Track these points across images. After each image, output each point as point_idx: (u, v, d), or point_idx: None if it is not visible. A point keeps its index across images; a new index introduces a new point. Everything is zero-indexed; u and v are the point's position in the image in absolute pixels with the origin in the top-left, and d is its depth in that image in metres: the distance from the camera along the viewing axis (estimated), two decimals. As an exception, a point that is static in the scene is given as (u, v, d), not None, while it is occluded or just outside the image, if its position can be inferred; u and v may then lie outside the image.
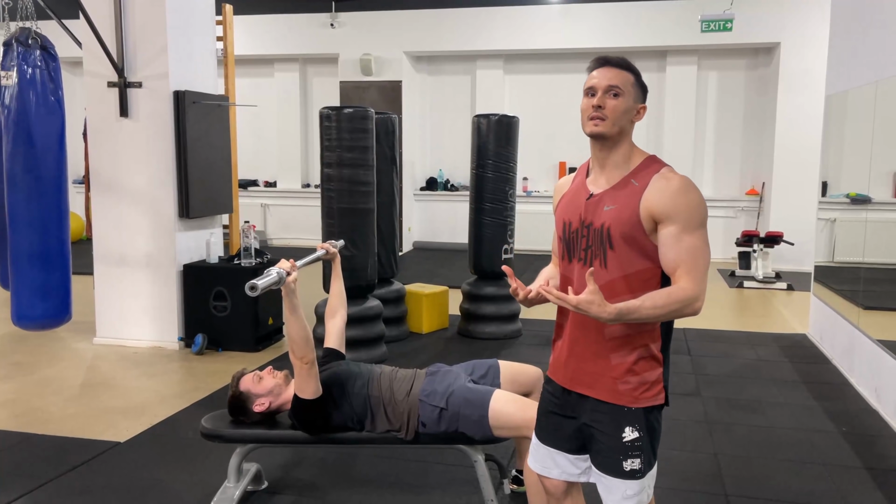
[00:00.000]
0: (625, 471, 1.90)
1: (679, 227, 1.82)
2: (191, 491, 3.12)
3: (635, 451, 1.89)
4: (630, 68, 1.93)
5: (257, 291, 2.35)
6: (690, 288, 1.79)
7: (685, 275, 1.80)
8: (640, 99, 1.93)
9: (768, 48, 9.55)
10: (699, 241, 1.82)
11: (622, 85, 1.89)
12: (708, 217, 1.87)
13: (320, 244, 3.17)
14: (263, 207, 11.28)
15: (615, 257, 1.87)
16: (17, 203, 4.27)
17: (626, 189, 1.89)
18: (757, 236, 8.33)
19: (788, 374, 4.87)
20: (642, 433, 1.89)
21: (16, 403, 4.23)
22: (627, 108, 1.89)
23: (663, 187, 1.85)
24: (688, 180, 1.87)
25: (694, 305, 1.80)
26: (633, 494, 1.91)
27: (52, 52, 4.35)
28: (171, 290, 5.34)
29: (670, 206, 1.83)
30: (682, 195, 1.83)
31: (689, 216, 1.82)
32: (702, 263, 1.82)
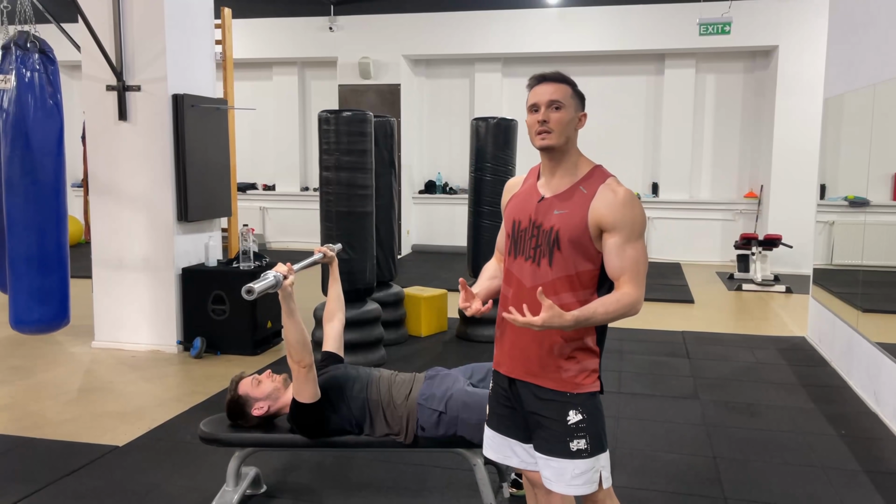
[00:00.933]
0: (571, 451, 2.04)
1: (623, 237, 1.99)
2: (189, 495, 3.11)
3: (580, 433, 2.04)
4: (567, 81, 2.07)
5: (254, 295, 2.35)
6: (634, 293, 1.97)
7: (629, 282, 1.98)
8: (579, 108, 2.07)
9: (766, 51, 9.57)
10: (640, 251, 2.01)
11: (562, 98, 2.03)
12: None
13: (318, 247, 3.16)
14: (262, 211, 11.28)
15: (561, 258, 2.03)
16: (16, 207, 4.27)
17: (576, 196, 2.04)
18: (755, 239, 8.34)
19: (787, 377, 4.87)
20: (585, 416, 2.04)
21: (13, 408, 4.22)
22: (570, 118, 2.04)
23: (611, 199, 2.00)
24: (632, 194, 2.03)
25: (636, 307, 1.99)
26: (581, 473, 2.04)
27: (50, 55, 4.35)
28: (170, 294, 5.33)
29: (617, 218, 1.99)
30: (629, 209, 2.00)
31: (632, 228, 1.99)
32: (642, 270, 2.01)
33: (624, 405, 4.27)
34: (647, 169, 10.32)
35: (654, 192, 10.20)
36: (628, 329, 6.14)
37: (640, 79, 10.19)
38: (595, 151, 10.38)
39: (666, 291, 7.81)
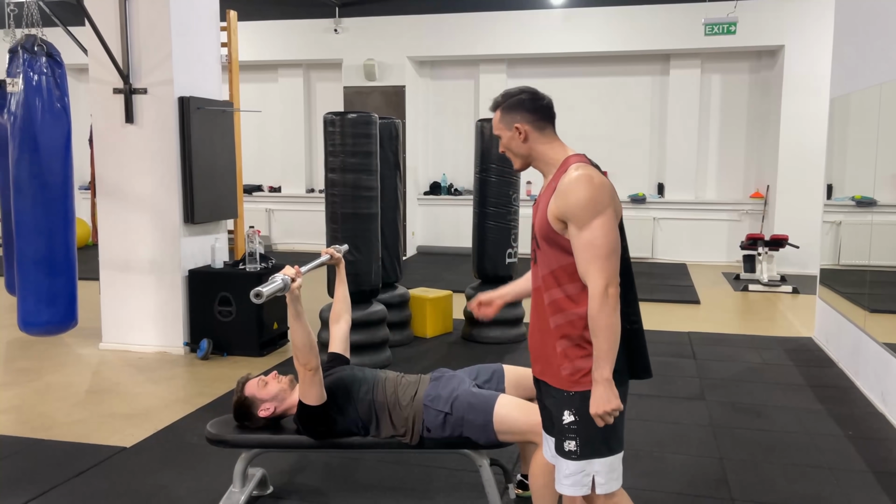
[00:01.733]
0: (564, 450, 2.06)
1: (575, 224, 1.97)
2: (196, 496, 3.12)
3: (571, 434, 2.04)
4: (497, 105, 2.15)
5: (262, 298, 2.35)
6: (594, 287, 1.94)
7: (587, 276, 1.96)
8: (510, 124, 2.11)
9: (772, 51, 9.55)
10: (594, 232, 1.94)
11: (496, 128, 2.16)
12: (606, 203, 1.94)
13: (324, 249, 3.17)
14: (268, 212, 11.30)
15: (543, 255, 2.08)
16: (24, 209, 4.30)
17: (548, 191, 2.07)
18: (762, 239, 8.31)
19: (794, 377, 4.86)
20: (577, 417, 2.03)
21: (21, 409, 4.24)
22: (508, 141, 2.13)
23: (559, 188, 2.00)
24: (581, 177, 1.96)
25: (608, 294, 1.93)
26: (570, 474, 2.05)
27: (57, 58, 4.38)
28: (177, 296, 5.35)
29: (563, 208, 1.98)
30: (572, 193, 1.96)
31: (579, 213, 1.95)
32: (600, 253, 1.94)
33: (630, 406, 4.22)
34: (652, 169, 10.30)
35: (659, 193, 10.18)
36: (634, 330, 6.12)
37: (646, 79, 10.17)
38: (600, 152, 10.40)
39: (672, 292, 7.80)
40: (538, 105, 2.12)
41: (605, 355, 1.95)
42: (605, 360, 1.95)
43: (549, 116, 2.15)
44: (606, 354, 1.95)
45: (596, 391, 1.96)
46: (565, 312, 2.04)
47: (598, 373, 1.95)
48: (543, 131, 2.12)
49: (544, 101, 2.14)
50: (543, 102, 2.14)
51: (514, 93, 2.14)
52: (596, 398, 1.96)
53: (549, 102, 2.16)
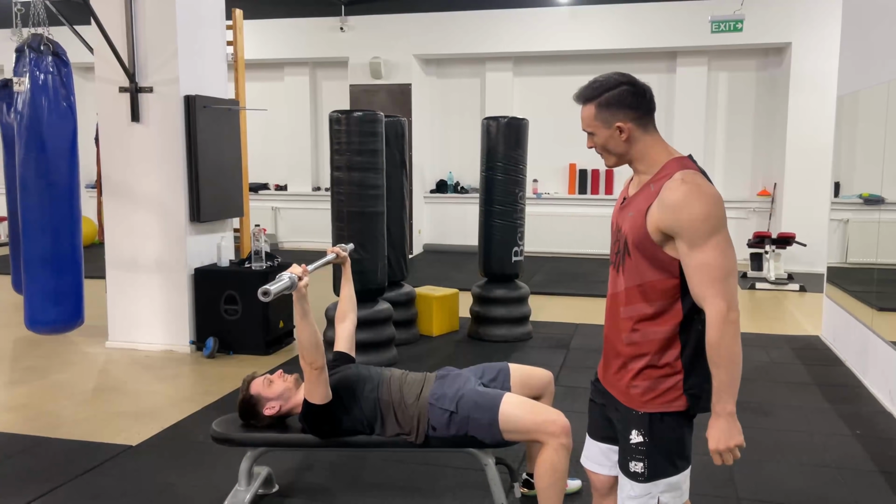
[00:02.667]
0: (630, 471, 1.94)
1: (686, 243, 1.77)
2: (202, 494, 3.13)
3: (639, 455, 1.91)
4: (590, 98, 1.89)
5: (270, 297, 2.35)
6: (712, 312, 1.76)
7: (704, 300, 1.78)
8: (610, 122, 1.87)
9: (779, 48, 9.50)
10: (710, 254, 1.76)
11: (588, 124, 1.91)
12: (723, 220, 1.78)
13: (330, 248, 3.17)
14: (274, 211, 11.32)
15: (631, 265, 1.88)
16: (30, 208, 4.31)
17: (645, 195, 1.86)
18: (769, 237, 8.28)
19: (801, 376, 4.83)
20: (646, 438, 1.90)
21: (28, 407, 4.25)
22: (605, 139, 1.89)
23: (666, 200, 1.79)
24: (693, 190, 1.78)
25: (729, 319, 1.76)
26: (636, 496, 1.94)
27: (63, 57, 4.39)
28: (183, 294, 5.36)
29: (672, 223, 1.78)
30: (685, 209, 1.76)
31: (694, 231, 1.76)
32: (718, 275, 1.76)
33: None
34: (659, 167, 10.25)
35: (666, 191, 10.14)
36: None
37: (652, 77, 10.13)
38: (606, 150, 10.15)
39: (678, 290, 7.76)
40: (641, 100, 1.87)
41: (727, 387, 1.78)
42: (727, 392, 1.79)
43: (652, 110, 1.90)
44: (729, 386, 1.78)
45: (717, 426, 1.81)
46: (645, 331, 1.88)
47: (720, 406, 1.79)
48: (647, 128, 1.89)
49: (647, 94, 1.89)
50: (646, 96, 1.89)
51: (612, 84, 1.87)
52: (718, 433, 1.81)
53: (650, 94, 1.90)
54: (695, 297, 1.80)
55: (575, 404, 4.21)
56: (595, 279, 8.40)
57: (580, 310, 6.84)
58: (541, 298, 7.03)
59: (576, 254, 10.18)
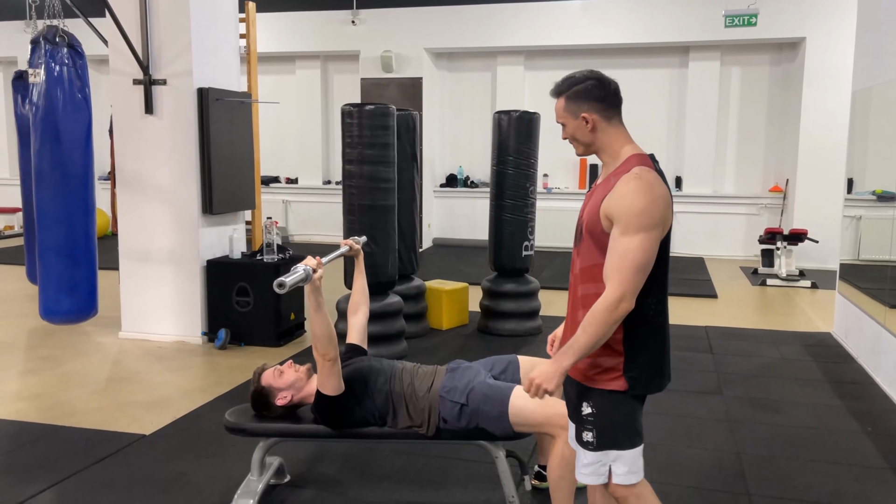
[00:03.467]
0: (582, 440, 2.10)
1: (619, 229, 1.91)
2: (214, 484, 3.16)
3: (588, 425, 2.07)
4: (560, 91, 2.06)
5: (285, 289, 2.36)
6: (610, 293, 1.91)
7: (609, 279, 1.93)
8: (577, 113, 2.03)
9: (793, 43, 9.43)
10: (634, 244, 1.89)
11: (559, 115, 2.07)
12: (657, 220, 1.90)
13: (343, 240, 3.18)
14: (285, 204, 11.35)
15: (584, 249, 2.06)
16: (45, 199, 4.34)
17: (606, 186, 2.01)
18: (780, 234, 8.24)
19: (812, 372, 4.82)
20: (594, 410, 2.06)
21: (43, 397, 4.30)
22: (574, 129, 2.06)
23: (618, 188, 1.93)
24: (641, 184, 1.91)
25: (619, 308, 1.90)
26: (588, 464, 2.09)
27: (79, 49, 4.41)
28: (195, 286, 5.39)
29: (615, 208, 1.92)
30: (628, 198, 1.90)
31: (628, 219, 1.89)
32: (628, 265, 1.89)
33: (646, 400, 4.25)
34: (670, 163, 10.22)
35: (677, 186, 10.11)
36: (651, 324, 6.10)
37: (664, 72, 10.10)
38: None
39: (689, 286, 7.76)
40: (606, 92, 2.02)
41: (579, 348, 1.94)
42: (575, 352, 1.95)
43: (617, 104, 2.05)
44: (580, 349, 1.94)
45: (548, 368, 1.97)
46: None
47: (562, 357, 1.96)
48: (611, 121, 2.04)
49: (612, 88, 2.04)
50: (611, 89, 2.04)
51: (580, 79, 2.03)
52: (543, 372, 1.98)
53: (616, 89, 2.05)
54: (604, 274, 1.95)
55: (585, 398, 4.22)
56: (605, 274, 8.39)
57: (590, 305, 6.83)
58: (551, 293, 7.02)
59: (586, 249, 10.15)
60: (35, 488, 3.10)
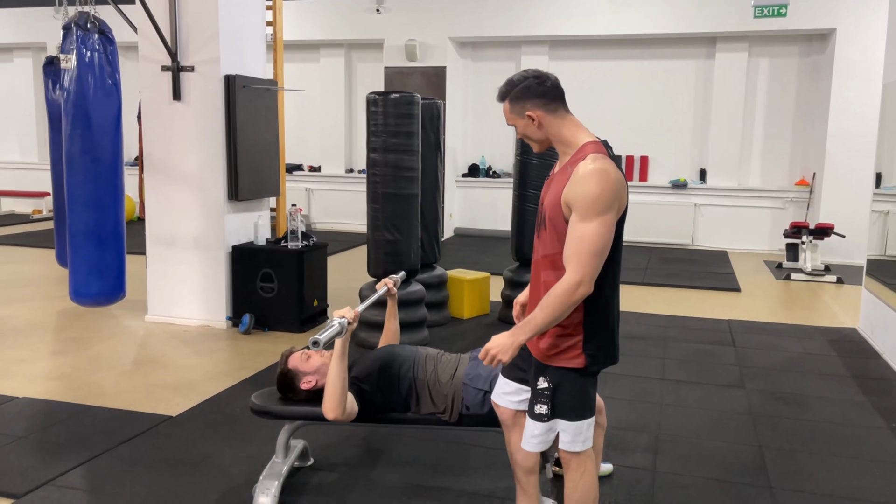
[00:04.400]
0: (534, 413, 2.22)
1: (577, 215, 2.02)
2: (240, 465, 3.21)
3: (544, 399, 2.19)
4: (503, 96, 2.17)
5: (320, 346, 2.41)
6: (569, 277, 2.02)
7: (568, 263, 2.03)
8: (522, 113, 2.14)
9: (823, 35, 9.29)
10: (591, 229, 2.00)
11: (508, 118, 2.19)
12: (612, 204, 2.00)
13: (382, 280, 3.12)
14: (307, 192, 11.42)
15: (546, 236, 2.15)
16: (76, 183, 4.41)
17: (563, 175, 2.10)
18: (806, 228, 8.15)
19: (836, 368, 4.78)
20: (551, 385, 2.18)
21: (72, 377, 4.38)
22: (524, 128, 2.17)
23: (574, 175, 2.03)
24: (596, 170, 2.00)
25: (577, 291, 2.02)
26: (539, 434, 2.22)
27: (109, 36, 4.46)
28: (220, 271, 5.46)
29: (572, 195, 2.02)
30: (584, 185, 2.00)
31: (585, 206, 1.99)
32: (586, 249, 2.00)
33: (667, 392, 4.25)
34: (694, 155, 10.14)
35: (701, 179, 10.03)
36: (672, 316, 6.08)
37: (690, 63, 9.99)
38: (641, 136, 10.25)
39: (712, 279, 7.71)
40: (546, 88, 2.12)
41: (535, 325, 2.07)
42: (532, 329, 2.07)
43: (558, 97, 2.14)
44: (537, 326, 2.07)
45: (503, 339, 2.11)
46: None
47: (519, 331, 2.09)
48: (556, 113, 2.14)
49: (550, 82, 2.14)
50: (549, 84, 2.13)
51: (518, 80, 2.14)
52: (499, 343, 2.12)
53: (555, 82, 2.15)
54: (563, 258, 2.06)
55: (605, 389, 4.23)
56: (627, 266, 8.36)
57: (612, 296, 6.82)
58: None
59: (608, 240, 10.11)
60: (66, 465, 3.18)
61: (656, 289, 7.33)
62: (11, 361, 4.64)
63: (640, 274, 7.94)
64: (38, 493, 2.95)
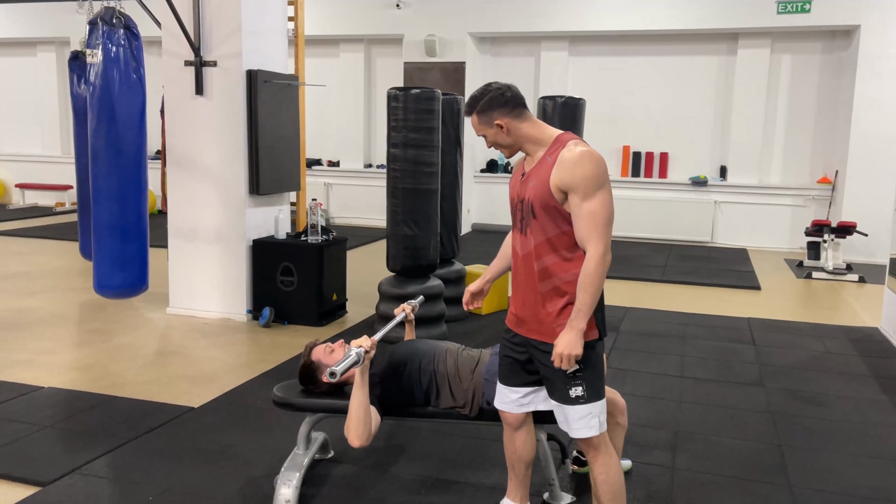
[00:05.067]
0: (571, 397, 2.28)
1: (579, 195, 2.17)
2: (261, 456, 3.25)
3: (577, 381, 2.26)
4: (470, 110, 2.33)
5: (337, 378, 2.44)
6: (594, 251, 2.17)
7: (587, 241, 2.18)
8: (490, 123, 2.30)
9: (847, 31, 9.18)
10: (597, 204, 2.16)
11: (476, 129, 2.35)
12: (606, 178, 2.18)
13: (400, 306, 3.12)
14: (326, 186, 11.47)
15: (538, 225, 2.26)
16: (100, 176, 4.47)
17: (543, 166, 2.25)
18: (828, 226, 8.08)
19: (857, 367, 4.74)
20: (581, 364, 2.24)
21: (95, 368, 4.45)
22: (494, 137, 2.33)
23: (564, 161, 2.18)
24: (584, 153, 2.17)
25: (605, 260, 2.17)
26: (582, 416, 2.29)
27: (134, 31, 4.51)
28: (241, 265, 5.50)
29: (568, 178, 2.17)
30: (579, 168, 2.16)
31: (585, 184, 2.16)
32: (600, 221, 2.17)
33: (686, 389, 4.24)
34: (714, 152, 10.07)
35: (721, 176, 9.96)
36: (692, 314, 6.06)
37: (712, 59, 9.92)
38: (662, 133, 10.17)
39: (731, 277, 7.66)
40: (508, 97, 2.30)
41: (586, 309, 2.18)
42: (585, 313, 2.18)
43: (521, 103, 2.31)
44: (588, 309, 2.18)
45: (569, 336, 2.18)
46: (560, 276, 2.25)
47: (576, 322, 2.18)
48: (522, 117, 2.30)
49: (511, 91, 2.32)
50: (511, 93, 2.31)
51: (481, 94, 2.32)
52: (567, 342, 2.18)
53: (515, 90, 2.33)
54: (579, 240, 2.21)
55: (624, 386, 4.23)
56: (646, 263, 8.33)
57: (630, 293, 6.81)
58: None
59: (627, 237, 10.09)
60: (90, 454, 3.23)
61: (675, 286, 7.30)
62: (37, 352, 4.71)
63: (659, 271, 7.91)
64: (63, 481, 3.00)
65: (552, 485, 2.86)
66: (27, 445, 3.31)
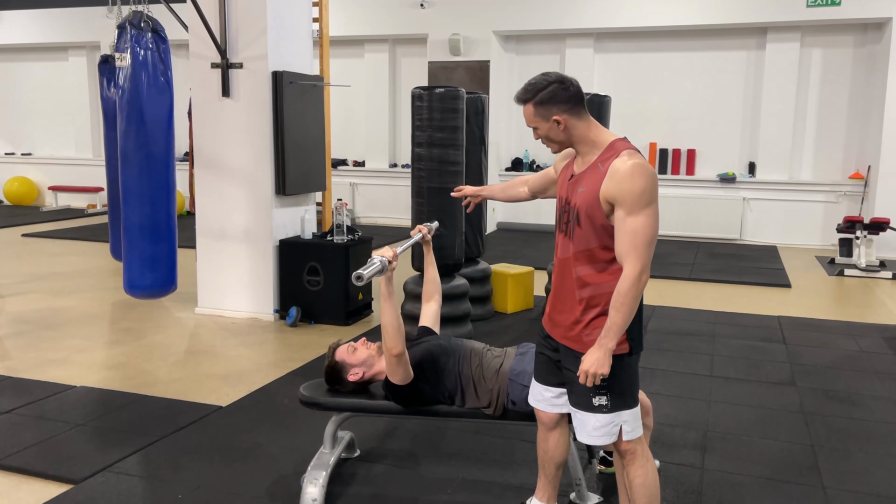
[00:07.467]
0: (594, 406, 2.25)
1: (624, 211, 2.10)
2: (288, 455, 3.27)
3: (601, 390, 2.23)
4: (527, 98, 2.21)
5: (363, 281, 2.42)
6: (630, 270, 2.10)
7: (625, 258, 2.11)
8: (548, 116, 2.20)
9: (879, 24, 9.00)
10: (640, 222, 2.08)
11: (529, 120, 2.25)
12: (656, 195, 2.10)
13: (416, 227, 3.18)
14: (352, 186, 11.52)
15: (581, 233, 2.21)
16: (130, 178, 4.54)
17: (595, 173, 2.17)
18: (860, 222, 7.93)
19: (892, 366, 4.65)
20: (608, 376, 2.18)
21: (127, 366, 4.52)
22: (547, 132, 2.24)
23: (615, 173, 2.10)
24: (637, 166, 2.08)
25: (641, 281, 2.10)
26: (601, 426, 2.26)
27: (162, 34, 4.57)
28: (268, 265, 5.55)
29: (617, 192, 2.09)
30: (628, 181, 2.07)
31: (633, 200, 2.08)
32: (641, 241, 2.09)
33: (716, 389, 4.19)
34: (744, 148, 9.94)
35: (750, 172, 9.82)
36: (721, 312, 5.98)
37: (740, 54, 9.78)
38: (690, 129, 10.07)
39: (761, 275, 7.55)
40: (572, 93, 2.19)
41: (617, 329, 2.13)
42: (616, 333, 2.13)
43: (580, 100, 2.21)
44: (619, 329, 2.13)
45: (597, 354, 2.14)
46: (596, 286, 2.21)
47: (606, 340, 2.14)
48: (580, 116, 2.20)
49: (574, 86, 2.21)
50: (574, 88, 2.20)
51: (543, 85, 2.19)
52: (594, 360, 2.14)
53: (578, 86, 2.22)
54: (618, 255, 2.14)
55: (653, 385, 4.19)
56: (673, 261, 8.24)
57: (657, 291, 6.74)
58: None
59: (653, 235, 9.98)
60: (122, 452, 3.28)
61: (704, 284, 7.21)
62: (70, 350, 4.80)
63: (687, 269, 7.82)
64: (96, 478, 3.05)
65: (579, 485, 2.85)
66: (60, 443, 3.37)
